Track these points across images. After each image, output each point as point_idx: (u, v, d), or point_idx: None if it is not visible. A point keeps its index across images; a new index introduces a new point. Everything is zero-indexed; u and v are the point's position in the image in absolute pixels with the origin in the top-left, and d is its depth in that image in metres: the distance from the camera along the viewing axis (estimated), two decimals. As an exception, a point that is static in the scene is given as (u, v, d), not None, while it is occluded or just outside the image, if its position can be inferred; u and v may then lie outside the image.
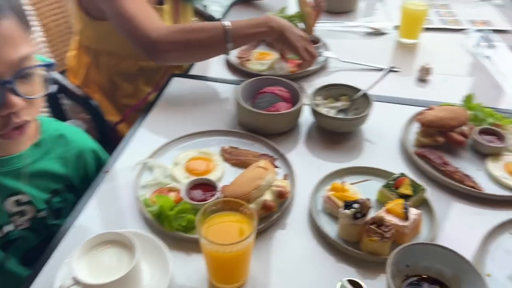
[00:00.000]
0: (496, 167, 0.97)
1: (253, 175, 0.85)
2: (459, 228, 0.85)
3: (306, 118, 1.11)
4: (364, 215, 0.78)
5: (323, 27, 1.50)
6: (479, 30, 1.54)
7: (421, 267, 0.73)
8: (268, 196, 0.84)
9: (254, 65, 1.33)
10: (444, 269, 0.72)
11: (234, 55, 1.36)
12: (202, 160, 0.97)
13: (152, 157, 0.98)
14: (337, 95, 1.15)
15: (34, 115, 0.79)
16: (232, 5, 1.76)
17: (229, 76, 1.33)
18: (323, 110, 1.09)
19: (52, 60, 0.89)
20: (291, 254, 0.80)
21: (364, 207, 0.78)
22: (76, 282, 0.65)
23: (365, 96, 1.11)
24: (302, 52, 1.20)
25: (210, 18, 1.71)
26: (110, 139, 1.31)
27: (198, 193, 0.86)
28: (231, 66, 1.35)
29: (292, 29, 1.19)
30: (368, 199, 0.80)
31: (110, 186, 0.93)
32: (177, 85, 1.27)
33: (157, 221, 0.82)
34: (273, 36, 1.19)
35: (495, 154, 1.00)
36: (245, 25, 1.15)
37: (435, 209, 0.86)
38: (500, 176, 0.94)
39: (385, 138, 1.08)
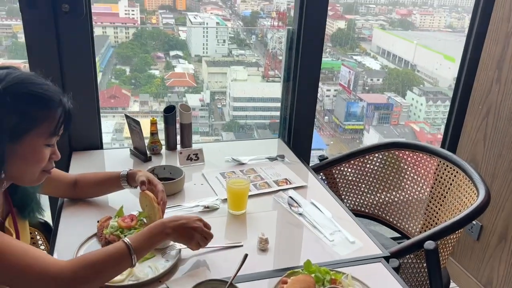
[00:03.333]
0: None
1: None
2: None
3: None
4: None
5: (167, 213, 1.61)
6: (284, 190, 1.91)
7: None
8: None
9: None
10: None
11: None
12: None
13: None
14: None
15: None
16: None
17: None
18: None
19: None
20: None
21: None
22: None
23: (232, 285, 1.25)
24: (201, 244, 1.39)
25: (46, 226, 1.72)
26: None
27: None
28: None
29: (186, 224, 1.35)
30: None
31: None
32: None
33: None
34: (173, 238, 1.36)
35: (346, 308, 1.26)
36: (144, 237, 1.27)
37: None
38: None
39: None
